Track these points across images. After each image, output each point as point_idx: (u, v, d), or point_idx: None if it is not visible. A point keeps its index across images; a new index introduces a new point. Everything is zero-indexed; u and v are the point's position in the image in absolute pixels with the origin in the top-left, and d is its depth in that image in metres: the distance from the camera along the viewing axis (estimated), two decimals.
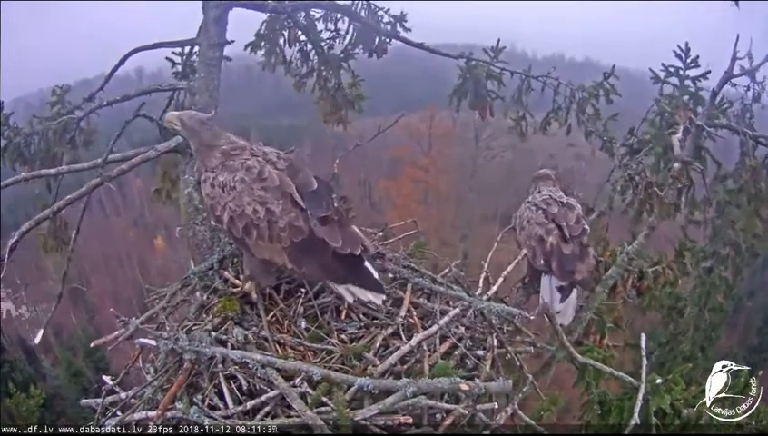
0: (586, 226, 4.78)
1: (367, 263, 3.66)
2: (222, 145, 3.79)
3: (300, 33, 7.67)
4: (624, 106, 7.96)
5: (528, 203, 4.95)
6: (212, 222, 3.88)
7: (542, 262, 4.62)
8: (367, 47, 7.92)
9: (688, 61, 7.06)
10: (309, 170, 3.78)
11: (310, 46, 7.87)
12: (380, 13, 7.81)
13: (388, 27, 7.87)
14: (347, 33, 7.88)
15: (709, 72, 7.02)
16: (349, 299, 3.66)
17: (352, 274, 3.59)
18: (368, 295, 3.63)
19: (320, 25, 7.77)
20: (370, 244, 3.73)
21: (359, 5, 7.75)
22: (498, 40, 7.73)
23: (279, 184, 3.57)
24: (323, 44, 7.84)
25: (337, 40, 7.92)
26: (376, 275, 3.68)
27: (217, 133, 3.84)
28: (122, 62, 7.03)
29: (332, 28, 7.86)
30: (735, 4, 6.69)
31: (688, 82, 7.09)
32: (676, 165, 6.07)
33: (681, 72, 7.10)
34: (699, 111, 6.53)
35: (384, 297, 3.71)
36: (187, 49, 7.21)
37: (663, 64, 7.19)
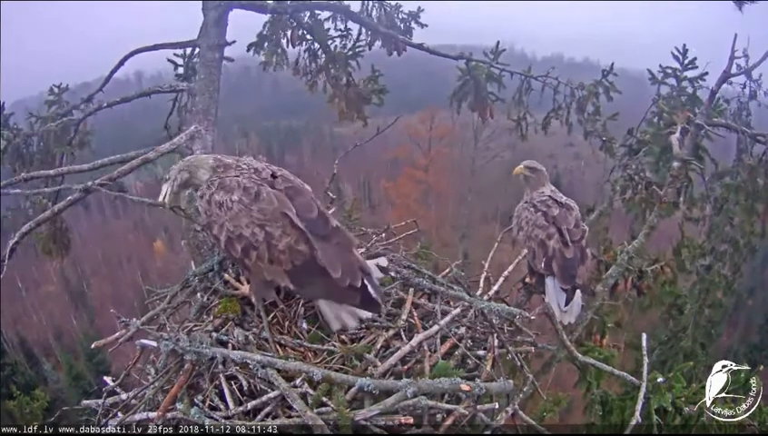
0: (585, 228, 4.78)
1: (368, 286, 3.61)
2: (210, 161, 3.79)
3: (304, 32, 7.66)
4: (623, 106, 7.98)
5: (527, 202, 4.93)
6: (210, 240, 3.84)
7: (543, 265, 4.62)
8: (384, 45, 7.91)
9: (686, 63, 7.10)
10: (309, 193, 3.75)
11: (317, 45, 7.87)
12: (394, 11, 7.82)
13: (402, 25, 7.87)
14: (360, 32, 7.88)
15: (706, 73, 7.07)
16: (335, 326, 3.67)
17: (352, 296, 3.56)
18: (359, 314, 3.69)
19: (328, 24, 7.77)
20: (370, 266, 3.70)
21: (370, 5, 7.76)
22: (498, 42, 7.74)
23: (277, 205, 3.52)
24: (330, 42, 7.82)
25: (346, 39, 7.90)
26: (375, 295, 3.63)
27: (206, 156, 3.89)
28: (121, 63, 7.04)
29: (341, 28, 7.85)
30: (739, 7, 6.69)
31: (686, 83, 7.12)
32: (676, 164, 6.09)
33: (678, 73, 7.13)
34: (697, 111, 6.55)
35: (371, 315, 3.75)
36: (189, 51, 7.21)
37: (660, 66, 7.22)
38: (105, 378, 4.04)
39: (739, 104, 7.03)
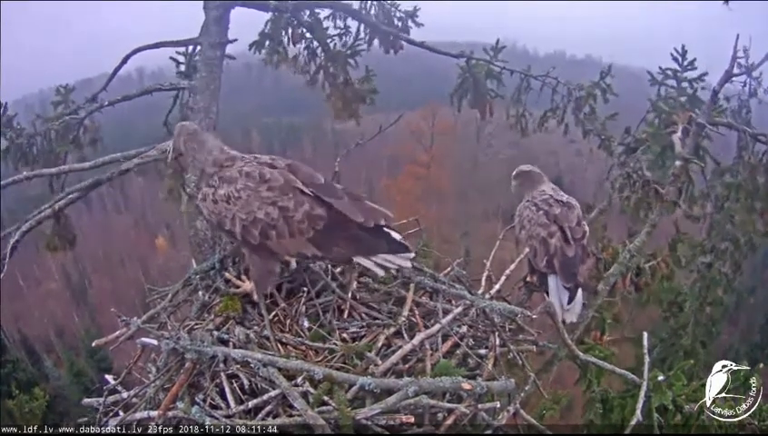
0: (586, 227, 4.79)
1: (392, 233, 3.67)
2: (215, 152, 3.79)
3: (304, 30, 7.65)
4: (624, 103, 7.97)
5: (528, 201, 4.94)
6: (224, 236, 3.85)
7: (544, 263, 4.63)
8: (382, 44, 7.90)
9: (685, 63, 7.10)
10: (310, 168, 3.78)
11: (316, 44, 7.86)
12: (392, 9, 7.80)
13: (400, 23, 7.85)
14: (358, 30, 7.87)
15: (706, 74, 7.09)
16: (380, 272, 3.69)
17: (379, 242, 3.60)
18: (397, 261, 3.66)
19: (328, 23, 7.76)
20: (387, 212, 3.72)
21: (368, 4, 7.74)
22: (498, 40, 7.74)
23: (283, 181, 3.58)
24: (329, 40, 7.81)
25: (346, 36, 7.89)
26: (398, 237, 3.69)
27: (208, 140, 3.86)
28: (124, 61, 7.05)
29: (341, 26, 7.84)
30: (726, 4, 6.70)
31: (685, 84, 7.12)
32: (677, 163, 6.09)
33: (678, 74, 7.13)
34: (698, 111, 6.56)
35: (413, 256, 3.75)
36: (190, 48, 7.20)
37: (660, 68, 7.23)
38: (106, 376, 4.05)
39: (739, 102, 7.03)
